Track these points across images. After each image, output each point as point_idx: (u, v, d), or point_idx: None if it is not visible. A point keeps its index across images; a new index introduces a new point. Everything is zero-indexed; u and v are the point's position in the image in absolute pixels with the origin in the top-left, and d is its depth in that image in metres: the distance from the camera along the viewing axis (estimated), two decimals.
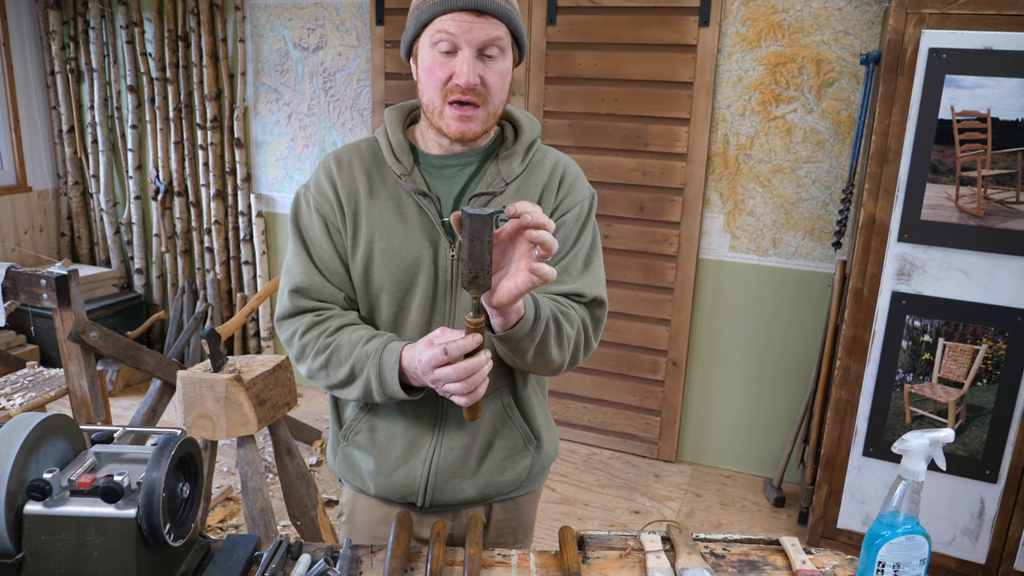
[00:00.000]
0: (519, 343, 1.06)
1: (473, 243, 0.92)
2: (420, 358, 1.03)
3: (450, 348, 0.99)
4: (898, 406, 2.39)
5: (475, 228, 0.91)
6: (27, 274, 2.25)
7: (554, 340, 1.10)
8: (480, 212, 0.91)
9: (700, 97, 2.84)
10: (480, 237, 0.92)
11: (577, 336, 1.15)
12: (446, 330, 1.05)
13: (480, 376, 1.01)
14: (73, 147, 4.03)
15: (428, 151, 1.20)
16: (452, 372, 0.99)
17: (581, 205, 1.22)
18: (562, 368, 1.16)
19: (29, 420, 0.95)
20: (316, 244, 1.19)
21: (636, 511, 2.85)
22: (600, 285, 1.21)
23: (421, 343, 1.06)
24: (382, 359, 1.10)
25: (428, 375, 1.03)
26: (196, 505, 1.02)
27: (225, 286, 3.90)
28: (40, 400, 2.39)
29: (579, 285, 1.18)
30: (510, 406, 1.24)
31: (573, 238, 1.21)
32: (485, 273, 0.93)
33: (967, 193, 2.20)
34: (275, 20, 3.49)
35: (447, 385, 1.01)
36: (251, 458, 1.95)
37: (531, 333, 1.05)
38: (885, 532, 1.01)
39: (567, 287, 1.18)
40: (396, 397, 1.11)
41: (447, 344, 1.00)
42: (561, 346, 1.12)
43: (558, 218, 1.20)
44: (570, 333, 1.13)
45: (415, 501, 1.24)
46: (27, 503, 0.91)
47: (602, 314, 1.21)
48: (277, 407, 2.01)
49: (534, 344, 1.07)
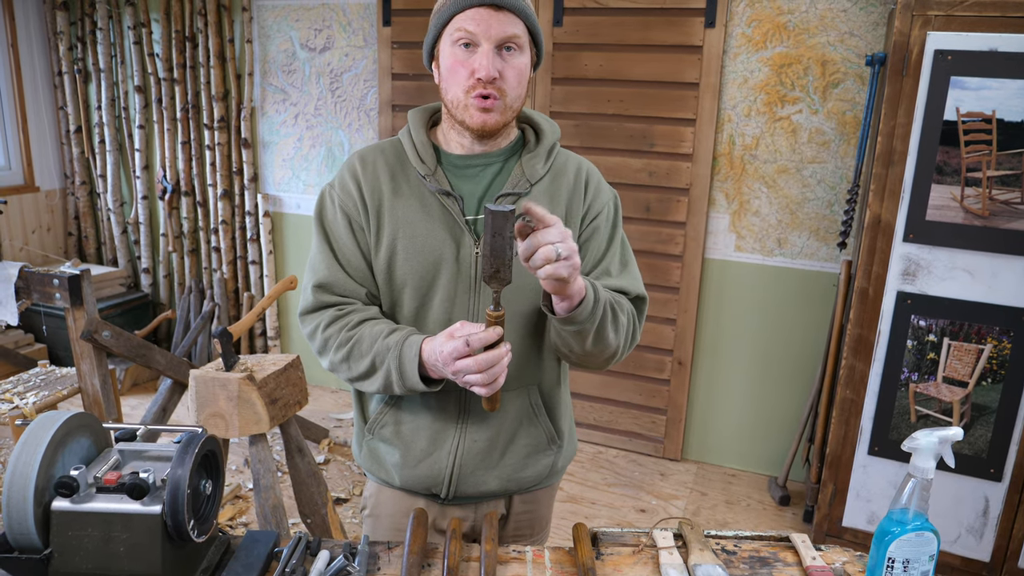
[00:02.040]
0: (582, 325, 1.09)
1: (495, 238, 0.96)
2: (442, 350, 1.06)
3: (472, 340, 1.02)
4: (903, 405, 2.41)
5: (497, 224, 0.95)
6: (40, 274, 2.27)
7: (611, 324, 1.13)
8: (502, 209, 0.95)
9: (706, 98, 2.85)
10: (502, 233, 0.95)
11: (628, 324, 1.19)
12: (466, 323, 1.08)
13: (500, 368, 1.04)
14: (80, 147, 4.05)
15: (450, 151, 1.23)
16: (473, 363, 1.02)
17: (608, 207, 1.26)
18: (616, 356, 1.20)
19: (56, 418, 0.97)
20: (340, 241, 1.22)
21: (642, 509, 2.87)
22: (639, 282, 1.26)
23: (441, 336, 1.09)
24: (402, 352, 1.12)
25: (449, 366, 1.05)
26: (218, 502, 1.04)
27: (232, 286, 3.92)
28: (52, 399, 2.41)
29: (623, 283, 1.22)
30: (537, 404, 1.27)
31: (607, 239, 1.25)
32: (506, 268, 0.97)
33: (972, 194, 2.21)
34: (282, 21, 3.51)
35: (468, 376, 1.04)
36: (263, 456, 1.97)
37: (592, 314, 1.09)
38: (895, 529, 1.03)
39: (611, 284, 1.21)
40: (416, 389, 1.14)
41: (469, 336, 1.02)
42: (617, 331, 1.16)
43: (590, 222, 1.24)
44: (623, 320, 1.17)
45: (439, 492, 1.27)
46: (55, 499, 0.93)
47: (645, 309, 1.25)
48: (288, 406, 2.03)
49: (595, 325, 1.10)
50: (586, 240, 1.24)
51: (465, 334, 1.04)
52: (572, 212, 1.23)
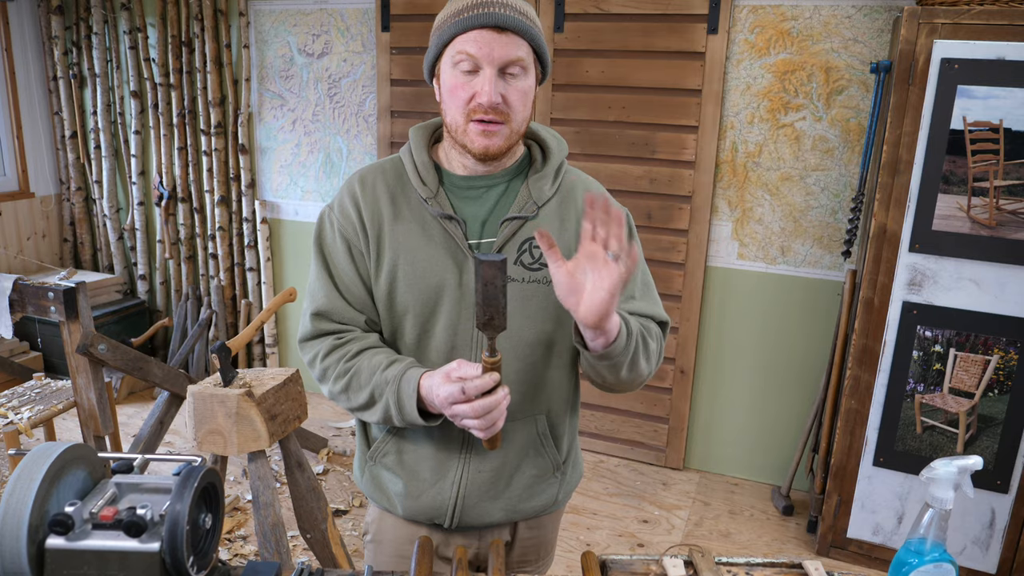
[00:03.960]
0: (617, 359, 1.07)
1: (487, 287, 0.96)
2: (438, 393, 1.04)
3: (468, 388, 1.00)
4: (909, 416, 2.39)
5: (489, 274, 0.95)
6: (34, 287, 2.24)
7: (643, 353, 1.12)
8: (493, 258, 0.95)
9: (708, 105, 2.82)
10: (494, 282, 0.96)
11: (658, 349, 1.18)
12: (463, 363, 1.05)
13: (498, 412, 1.02)
14: (76, 153, 4.01)
15: (453, 171, 1.19)
16: (470, 410, 1.01)
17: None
18: (645, 381, 1.19)
19: (50, 451, 0.94)
20: (339, 267, 1.19)
21: (645, 520, 2.84)
22: (660, 305, 1.24)
23: (438, 376, 1.06)
24: (400, 387, 1.10)
25: (446, 410, 1.04)
26: (218, 535, 1.01)
27: (229, 293, 3.88)
28: (48, 414, 2.38)
29: (647, 308, 1.20)
30: (544, 433, 1.24)
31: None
32: (500, 315, 0.98)
33: (979, 204, 2.19)
34: (280, 26, 3.48)
35: (465, 420, 1.03)
36: (263, 473, 1.93)
37: (627, 348, 1.07)
38: (912, 560, 1.00)
39: (636, 310, 1.19)
40: (415, 424, 1.12)
41: (465, 384, 1.01)
42: (648, 359, 1.15)
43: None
44: (653, 347, 1.16)
45: (442, 523, 1.24)
46: (49, 537, 0.90)
47: (667, 332, 1.24)
48: (288, 421, 2.00)
49: (628, 357, 1.09)
50: None
51: (461, 375, 1.02)
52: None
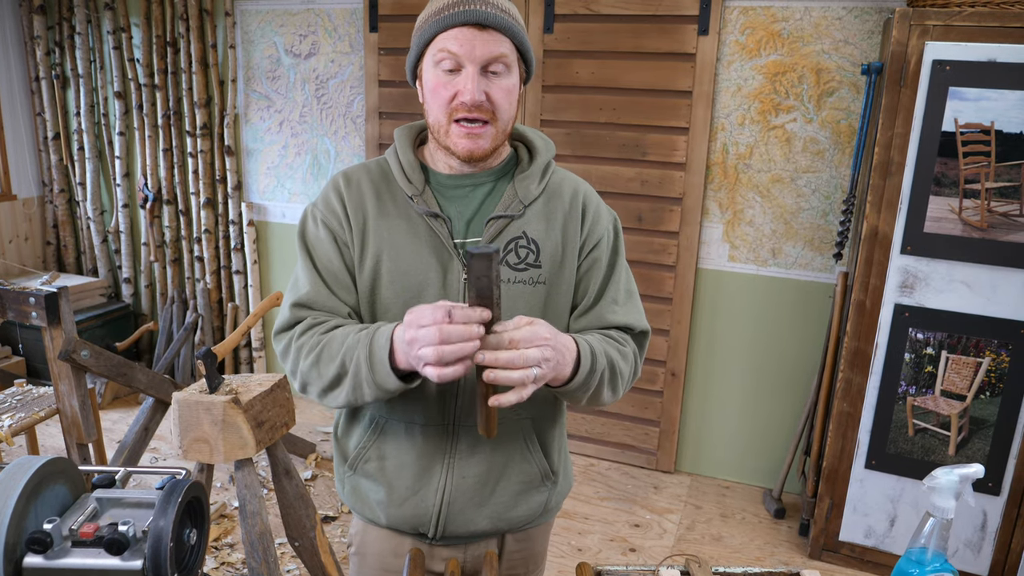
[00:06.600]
0: (574, 393, 1.07)
1: (479, 280, 0.94)
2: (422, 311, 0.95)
3: (455, 313, 0.92)
4: (901, 419, 2.38)
5: (480, 267, 0.92)
6: (15, 292, 2.19)
7: (608, 385, 1.11)
8: (484, 251, 0.92)
9: (699, 106, 2.81)
10: (486, 275, 0.93)
11: (630, 371, 1.16)
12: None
13: (458, 349, 0.91)
14: (59, 154, 3.95)
15: (439, 170, 1.17)
16: (436, 331, 0.91)
17: (608, 232, 1.21)
18: (612, 402, 1.17)
19: (27, 466, 0.90)
20: (322, 257, 1.15)
21: (636, 524, 2.83)
22: (642, 313, 1.21)
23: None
24: (373, 339, 1.03)
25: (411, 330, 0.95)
26: (203, 551, 0.98)
27: (215, 296, 3.83)
28: (30, 421, 2.33)
29: (628, 318, 1.18)
30: (531, 439, 1.21)
31: (610, 268, 1.20)
32: (495, 308, 0.96)
33: (971, 206, 2.19)
34: (266, 26, 3.44)
35: (421, 349, 0.93)
36: (249, 481, 1.90)
37: (585, 384, 1.06)
38: (913, 570, 0.99)
39: (617, 319, 1.17)
40: (385, 385, 1.02)
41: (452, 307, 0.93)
42: (615, 389, 1.13)
43: (589, 252, 1.19)
44: (624, 372, 1.14)
45: (427, 532, 1.21)
46: (26, 555, 0.87)
47: (647, 343, 1.22)
48: (275, 428, 1.96)
49: (588, 393, 1.08)
50: (586, 271, 1.19)
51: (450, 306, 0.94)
52: (568, 238, 1.17)
